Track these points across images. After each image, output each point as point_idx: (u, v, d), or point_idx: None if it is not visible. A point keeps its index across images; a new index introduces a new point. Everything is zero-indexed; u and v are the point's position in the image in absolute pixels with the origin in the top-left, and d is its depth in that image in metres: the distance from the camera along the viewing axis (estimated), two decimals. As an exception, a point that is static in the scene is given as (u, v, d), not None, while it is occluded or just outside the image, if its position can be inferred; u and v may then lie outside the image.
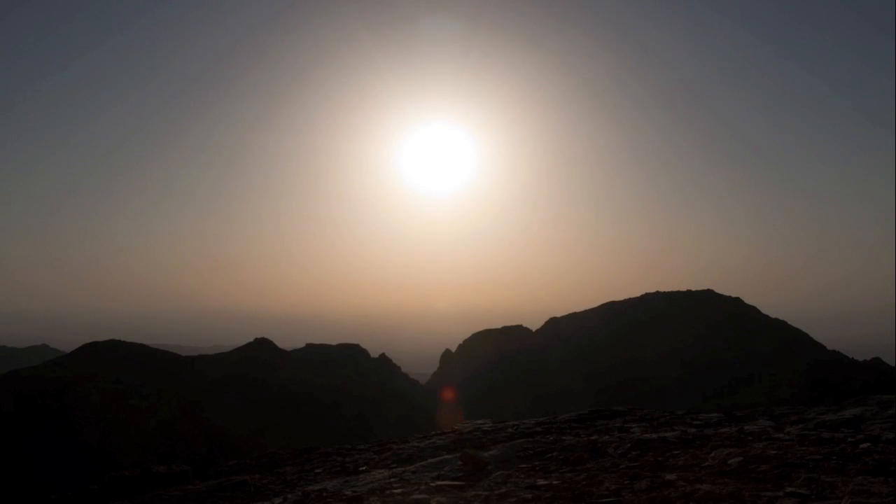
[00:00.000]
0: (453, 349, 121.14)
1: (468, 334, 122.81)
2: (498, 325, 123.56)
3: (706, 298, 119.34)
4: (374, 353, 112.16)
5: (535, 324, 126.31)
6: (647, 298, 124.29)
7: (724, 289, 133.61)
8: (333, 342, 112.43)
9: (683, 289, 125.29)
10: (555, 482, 6.93)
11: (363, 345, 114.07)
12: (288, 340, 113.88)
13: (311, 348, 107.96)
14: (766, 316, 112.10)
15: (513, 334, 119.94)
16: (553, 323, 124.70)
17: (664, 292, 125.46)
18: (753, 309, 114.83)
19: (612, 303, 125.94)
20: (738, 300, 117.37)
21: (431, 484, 7.71)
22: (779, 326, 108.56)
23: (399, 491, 7.51)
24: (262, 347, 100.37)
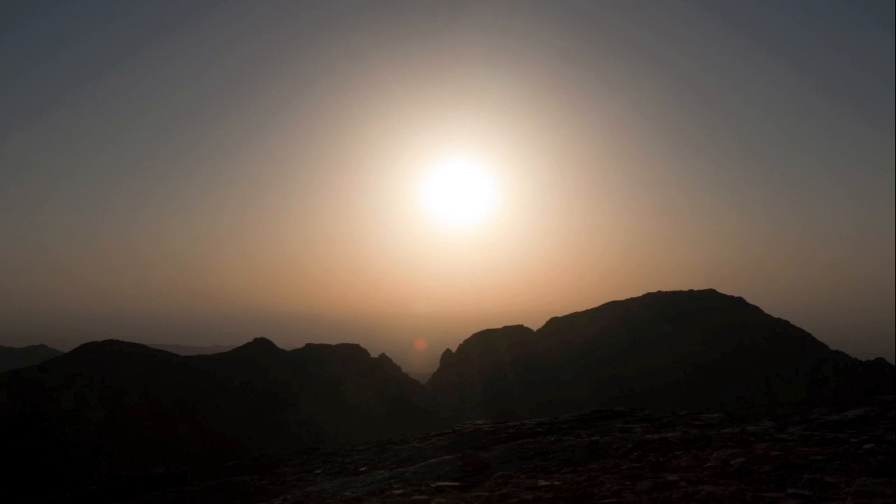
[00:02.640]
0: (454, 349, 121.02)
1: (469, 334, 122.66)
2: (499, 325, 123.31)
3: (708, 298, 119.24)
4: (374, 353, 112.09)
5: (536, 323, 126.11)
6: (648, 298, 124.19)
7: (727, 289, 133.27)
8: (333, 342, 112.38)
9: (685, 288, 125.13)
10: (556, 483, 6.89)
11: (363, 345, 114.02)
12: (287, 340, 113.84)
13: (310, 348, 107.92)
14: (769, 316, 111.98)
15: (513, 334, 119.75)
16: (554, 323, 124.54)
17: (666, 292, 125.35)
18: (756, 309, 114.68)
19: (614, 302, 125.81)
20: (740, 300, 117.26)
21: (432, 485, 7.68)
22: (781, 326, 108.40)
23: (399, 492, 7.48)
24: (261, 347, 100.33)
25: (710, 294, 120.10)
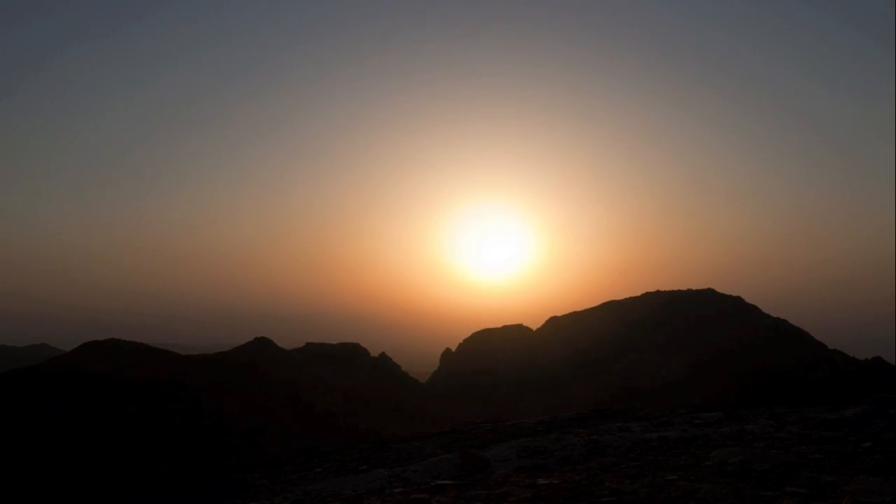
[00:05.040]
0: (453, 348, 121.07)
1: (468, 333, 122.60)
2: (498, 323, 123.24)
3: (707, 297, 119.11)
4: (375, 352, 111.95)
5: (535, 323, 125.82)
6: (647, 297, 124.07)
7: (725, 288, 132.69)
8: (334, 341, 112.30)
9: (684, 288, 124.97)
10: (555, 481, 6.91)
11: (363, 343, 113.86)
12: (288, 339, 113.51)
13: (310, 347, 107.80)
14: (768, 315, 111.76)
15: (513, 333, 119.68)
16: (554, 322, 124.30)
17: (665, 291, 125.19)
18: (754, 308, 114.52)
19: (613, 302, 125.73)
20: (738, 299, 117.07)
21: (432, 483, 7.70)
22: (780, 325, 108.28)
23: (399, 490, 7.50)
24: (262, 346, 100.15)
25: (709, 293, 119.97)
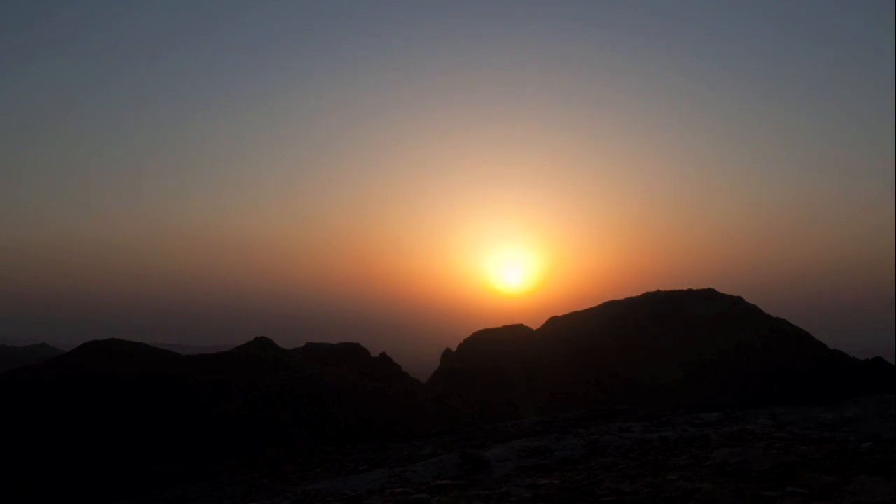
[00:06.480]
0: (454, 348, 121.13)
1: (469, 333, 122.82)
2: (498, 323, 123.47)
3: (707, 297, 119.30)
4: (375, 352, 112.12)
5: (535, 323, 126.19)
6: (648, 297, 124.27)
7: (725, 288, 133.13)
8: (334, 341, 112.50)
9: (684, 288, 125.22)
10: (555, 481, 6.92)
11: (363, 344, 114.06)
12: (288, 339, 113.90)
13: (311, 347, 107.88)
14: (768, 315, 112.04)
15: (513, 333, 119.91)
16: (554, 322, 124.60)
17: (665, 291, 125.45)
18: (755, 308, 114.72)
19: (613, 302, 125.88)
20: (739, 299, 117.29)
21: (432, 483, 7.70)
22: (780, 325, 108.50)
23: (399, 490, 7.50)
24: (262, 346, 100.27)
25: (709, 293, 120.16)
